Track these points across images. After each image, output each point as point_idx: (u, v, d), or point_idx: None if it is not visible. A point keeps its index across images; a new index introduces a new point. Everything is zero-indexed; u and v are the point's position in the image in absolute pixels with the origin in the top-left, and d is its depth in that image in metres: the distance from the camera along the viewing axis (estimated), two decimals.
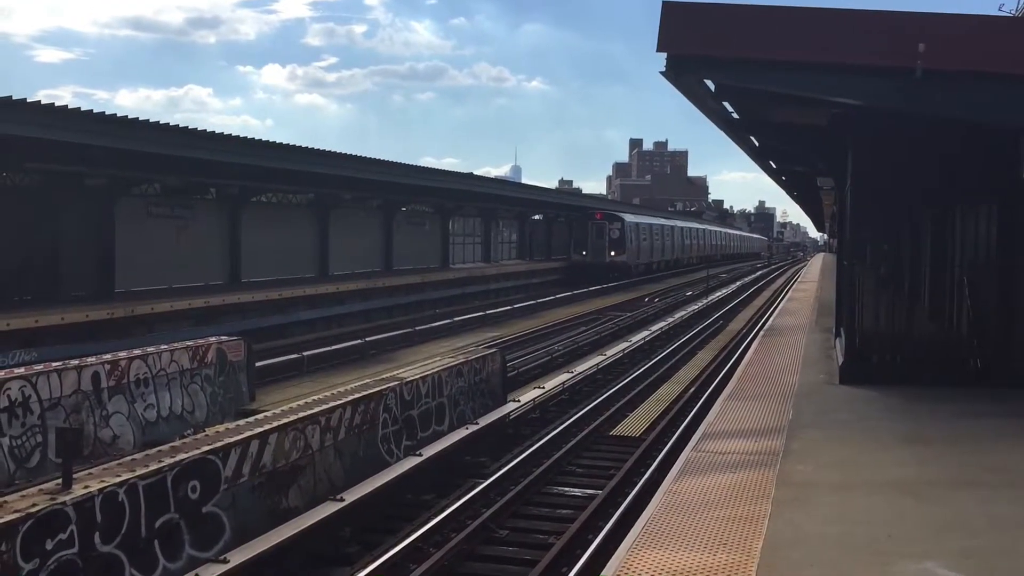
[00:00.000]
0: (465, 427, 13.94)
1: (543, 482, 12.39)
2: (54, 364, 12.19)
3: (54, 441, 10.85)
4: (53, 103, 17.13)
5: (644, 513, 7.75)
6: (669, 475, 9.05)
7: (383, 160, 30.03)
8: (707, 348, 25.89)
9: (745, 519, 7.36)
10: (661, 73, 11.21)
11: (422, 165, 37.26)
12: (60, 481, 7.73)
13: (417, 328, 25.78)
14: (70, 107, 17.53)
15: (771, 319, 26.56)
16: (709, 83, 12.35)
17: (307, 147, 25.62)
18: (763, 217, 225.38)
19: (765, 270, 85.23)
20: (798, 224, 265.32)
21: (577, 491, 12.18)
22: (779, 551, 6.63)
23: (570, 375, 19.30)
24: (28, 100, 16.39)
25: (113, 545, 7.72)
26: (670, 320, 31.96)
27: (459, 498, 11.27)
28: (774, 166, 24.72)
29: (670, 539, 6.93)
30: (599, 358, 22.14)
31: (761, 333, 22.77)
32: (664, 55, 11.00)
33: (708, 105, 13.77)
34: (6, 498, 7.47)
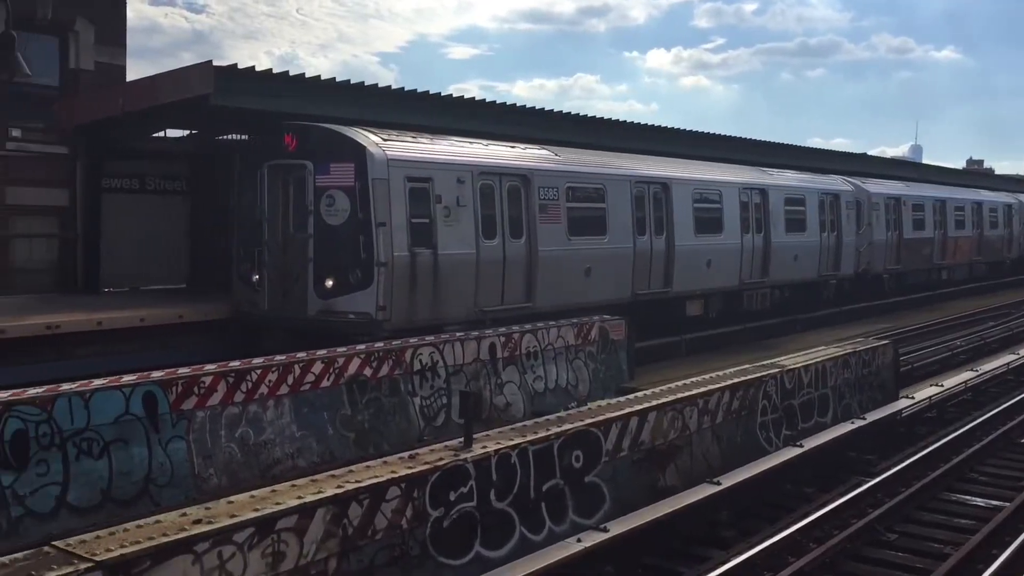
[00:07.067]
0: (850, 421, 13.22)
1: (939, 487, 11.41)
2: (458, 334, 13.42)
3: (457, 403, 11.98)
4: (463, 95, 18.94)
5: None
6: None
7: (750, 139, 28.99)
8: None
9: None
10: None
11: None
12: (462, 440, 8.48)
13: (799, 316, 24.81)
14: (476, 99, 19.22)
15: None
16: None
17: (689, 130, 25.66)
18: None
19: None
20: None
21: (979, 500, 11.07)
22: None
23: (974, 374, 17.53)
24: (441, 94, 18.23)
25: (506, 503, 8.32)
26: None
27: (843, 494, 10.72)
28: None
29: None
30: (1010, 356, 19.85)
31: None
32: None
33: None
34: (417, 451, 8.36)
